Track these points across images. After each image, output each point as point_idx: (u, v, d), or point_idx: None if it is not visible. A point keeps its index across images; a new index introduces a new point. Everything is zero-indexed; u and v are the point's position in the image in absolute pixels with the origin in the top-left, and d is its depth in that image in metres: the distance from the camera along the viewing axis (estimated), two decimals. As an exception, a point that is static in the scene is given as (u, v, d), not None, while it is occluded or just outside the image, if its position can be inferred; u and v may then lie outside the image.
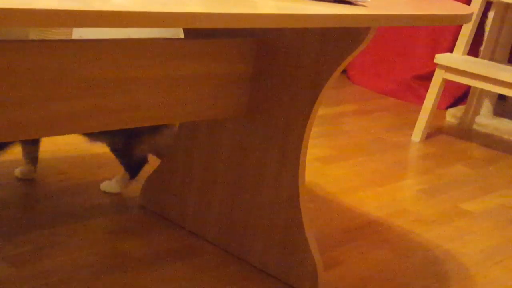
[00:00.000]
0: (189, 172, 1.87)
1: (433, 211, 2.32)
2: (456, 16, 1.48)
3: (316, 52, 1.58)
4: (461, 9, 1.57)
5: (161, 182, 1.94)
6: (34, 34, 2.66)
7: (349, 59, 1.57)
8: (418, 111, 3.12)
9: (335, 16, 1.19)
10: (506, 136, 3.31)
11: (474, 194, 2.53)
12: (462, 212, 2.34)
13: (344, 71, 4.00)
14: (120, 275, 1.63)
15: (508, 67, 3.01)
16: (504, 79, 2.86)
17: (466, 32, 3.08)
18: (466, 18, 1.51)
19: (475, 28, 3.10)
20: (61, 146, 2.33)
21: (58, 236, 1.76)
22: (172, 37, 2.00)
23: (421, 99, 3.35)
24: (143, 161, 2.03)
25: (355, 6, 1.28)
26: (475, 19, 3.07)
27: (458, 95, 3.68)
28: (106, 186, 2.05)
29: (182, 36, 1.80)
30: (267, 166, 1.69)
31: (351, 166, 2.62)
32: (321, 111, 3.23)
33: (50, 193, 1.99)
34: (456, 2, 1.71)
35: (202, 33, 1.72)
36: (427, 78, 3.51)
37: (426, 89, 3.14)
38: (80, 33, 2.99)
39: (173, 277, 1.66)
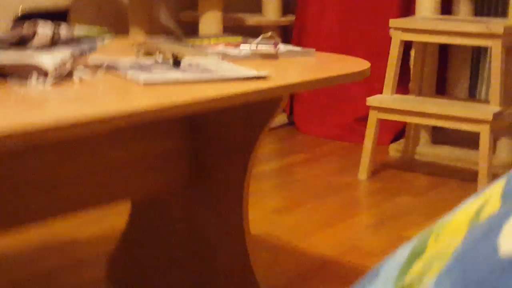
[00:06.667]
0: (148, 248, 2.05)
1: (380, 242, 2.52)
2: (353, 73, 1.72)
3: (241, 122, 1.81)
4: (358, 65, 1.80)
5: (124, 259, 2.12)
6: None
7: (270, 123, 1.80)
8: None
9: (254, 92, 1.41)
10: (445, 162, 3.56)
11: (417, 221, 2.75)
12: (405, 239, 2.55)
13: (292, 122, 4.25)
14: None
15: (434, 100, 3.28)
16: (431, 112, 3.11)
17: (391, 73, 3.35)
18: (363, 73, 1.75)
19: (398, 69, 3.37)
20: None
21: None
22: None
23: (364, 139, 3.59)
24: None
25: (268, 80, 1.51)
26: (395, 61, 3.34)
27: (398, 130, 3.94)
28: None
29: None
30: (213, 234, 1.89)
31: (304, 212, 2.82)
32: (273, 164, 3.46)
33: None
34: (354, 58, 1.95)
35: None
36: (366, 119, 3.75)
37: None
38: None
39: None
